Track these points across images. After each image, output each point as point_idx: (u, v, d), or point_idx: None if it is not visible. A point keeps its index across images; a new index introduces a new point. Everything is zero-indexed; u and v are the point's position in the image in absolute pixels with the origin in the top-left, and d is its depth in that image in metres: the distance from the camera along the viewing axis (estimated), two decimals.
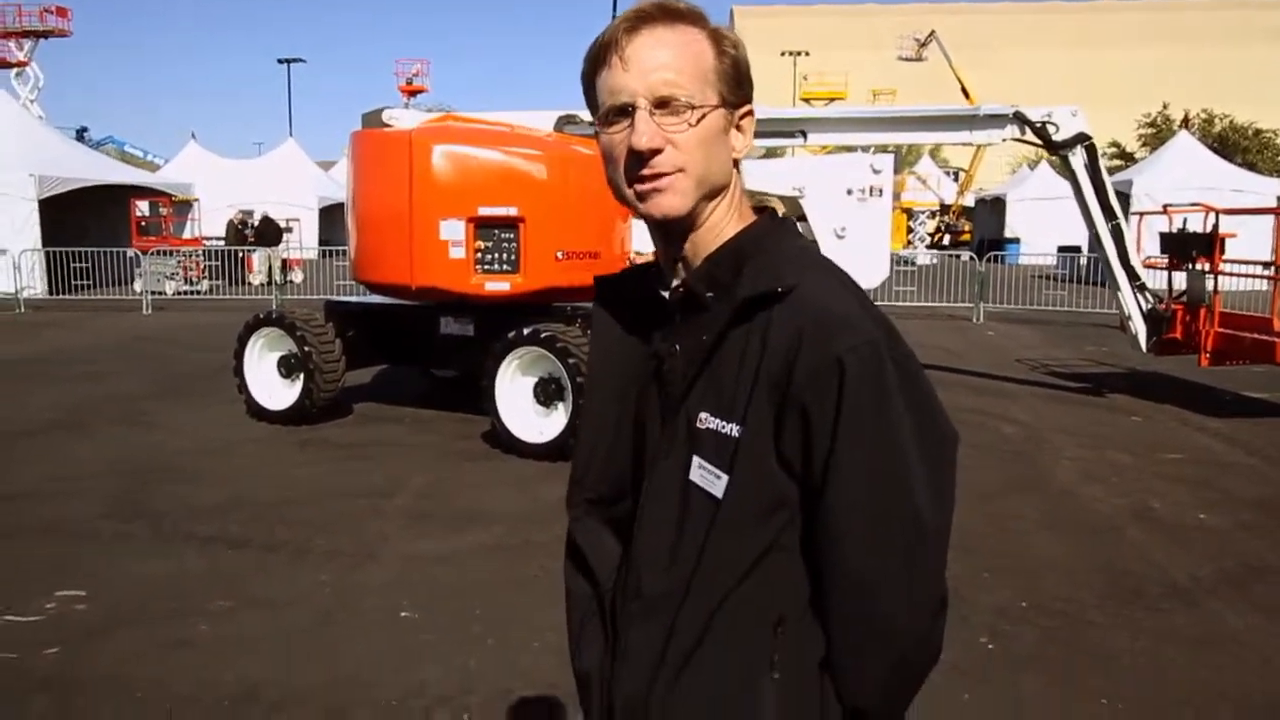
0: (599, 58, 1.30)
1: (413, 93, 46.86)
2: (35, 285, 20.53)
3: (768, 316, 1.23)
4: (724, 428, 1.25)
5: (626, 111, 1.27)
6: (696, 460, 1.27)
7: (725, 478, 1.25)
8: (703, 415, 1.27)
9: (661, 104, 1.25)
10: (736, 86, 1.31)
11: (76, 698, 3.82)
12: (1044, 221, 33.34)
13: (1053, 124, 9.60)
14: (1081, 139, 9.63)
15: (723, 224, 1.34)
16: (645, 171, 1.27)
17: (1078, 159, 9.70)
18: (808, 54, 57.43)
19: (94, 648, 4.26)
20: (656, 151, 1.26)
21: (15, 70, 36.38)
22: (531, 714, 3.77)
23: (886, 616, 1.23)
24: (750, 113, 1.35)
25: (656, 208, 1.29)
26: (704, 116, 1.27)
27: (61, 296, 20.46)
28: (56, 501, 6.43)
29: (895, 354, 1.22)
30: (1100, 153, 10.05)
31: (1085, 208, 9.89)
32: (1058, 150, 9.77)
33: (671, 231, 1.34)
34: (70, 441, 8.20)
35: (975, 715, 3.73)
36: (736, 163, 1.35)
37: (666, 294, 1.38)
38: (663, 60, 1.26)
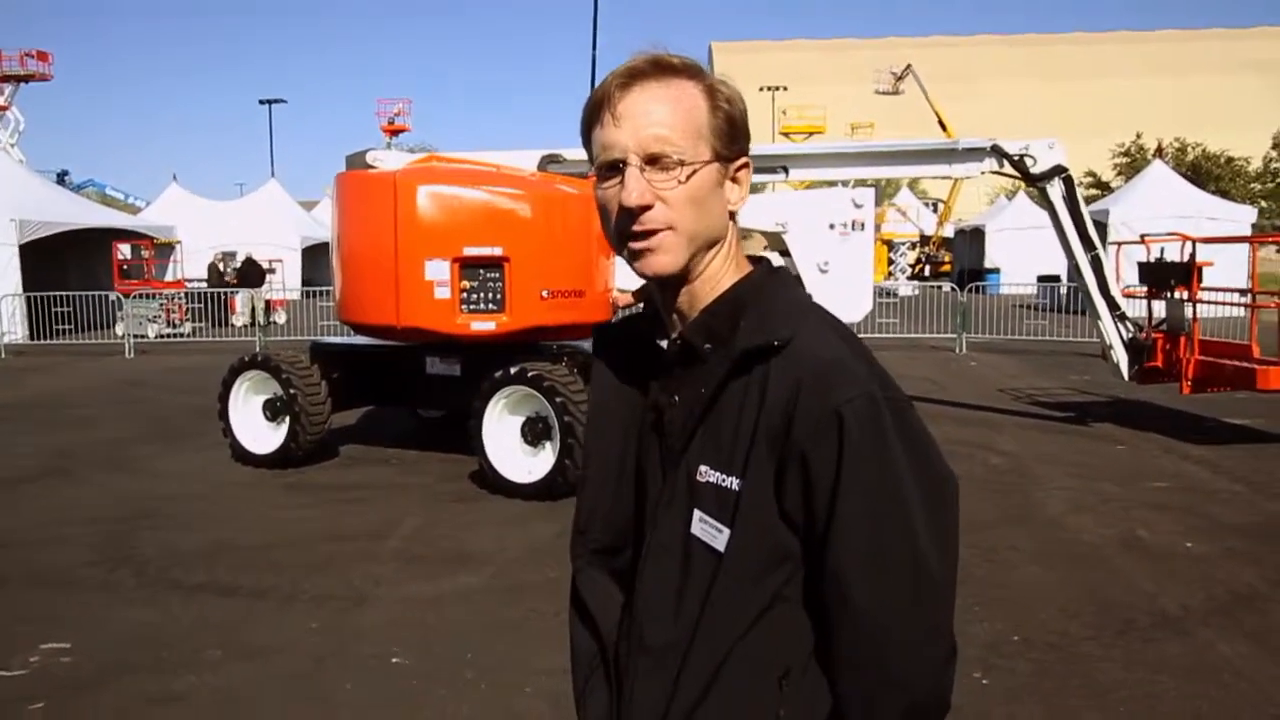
0: (593, 113, 1.30)
1: (395, 132, 47.08)
2: (16, 330, 20.39)
3: (765, 369, 1.24)
4: (724, 481, 1.25)
5: (618, 168, 1.27)
6: (698, 514, 1.28)
7: (727, 531, 1.25)
8: (702, 468, 1.27)
9: (652, 160, 1.26)
10: (730, 141, 1.30)
11: None
12: (1023, 251, 33.62)
13: (1030, 157, 9.73)
14: (1059, 171, 9.76)
15: (719, 275, 1.34)
16: (636, 228, 1.28)
17: (1055, 191, 9.82)
18: (786, 88, 58.02)
19: (81, 703, 4.21)
20: (646, 208, 1.26)
21: None
22: None
23: (895, 667, 1.22)
24: (746, 165, 1.35)
25: (648, 267, 1.30)
26: (695, 172, 1.27)
27: (43, 341, 20.33)
28: (42, 549, 6.37)
29: (891, 402, 1.23)
30: (1077, 183, 10.18)
31: (1064, 239, 10.00)
32: (1036, 182, 9.90)
33: (667, 284, 1.34)
34: (56, 488, 8.13)
35: None
36: (733, 214, 1.36)
37: (664, 344, 1.39)
38: (655, 116, 1.26)
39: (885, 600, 1.21)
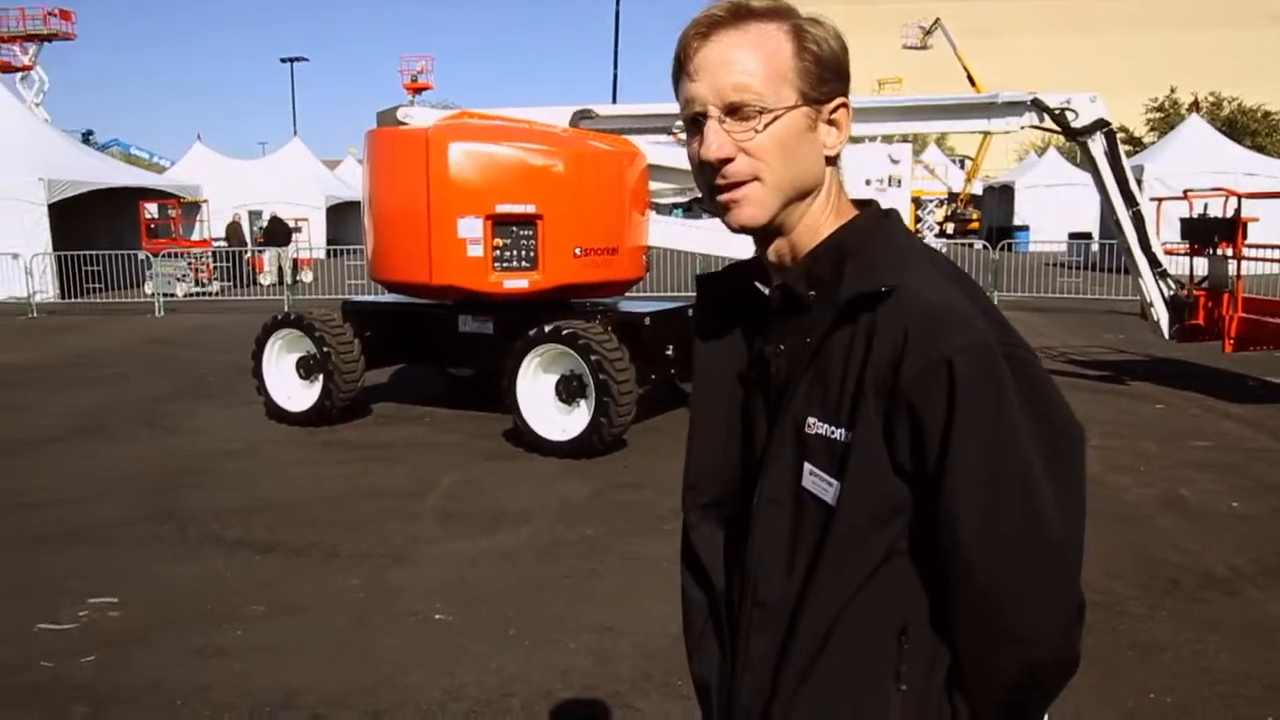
0: (676, 68, 1.27)
1: (418, 90, 46.74)
2: (46, 289, 20.56)
3: (872, 317, 1.19)
4: (833, 433, 1.21)
5: (699, 121, 1.24)
6: (808, 466, 1.24)
7: (836, 484, 1.21)
8: (811, 420, 1.23)
9: (732, 110, 1.21)
10: (820, 82, 1.24)
11: (115, 707, 3.80)
12: (1054, 208, 33.23)
13: (1071, 110, 9.53)
14: (1101, 125, 9.56)
15: (819, 223, 1.29)
16: (719, 182, 1.24)
17: (1097, 145, 9.62)
18: None
19: (129, 656, 4.25)
20: (727, 160, 1.22)
21: (20, 74, 36.39)
22: (573, 716, 3.74)
23: (1013, 625, 1.19)
24: (844, 105, 1.28)
25: (735, 219, 1.26)
26: (776, 119, 1.22)
27: (73, 300, 20.49)
28: (84, 506, 6.43)
29: (1009, 350, 1.17)
30: None
31: (1105, 194, 9.81)
32: (1076, 137, 9.70)
33: (762, 236, 1.31)
34: (94, 446, 8.20)
35: None
36: (834, 158, 1.30)
37: (765, 292, 1.35)
38: (733, 65, 1.21)
39: (1000, 557, 1.16)
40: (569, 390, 7.69)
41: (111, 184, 23.99)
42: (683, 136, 1.41)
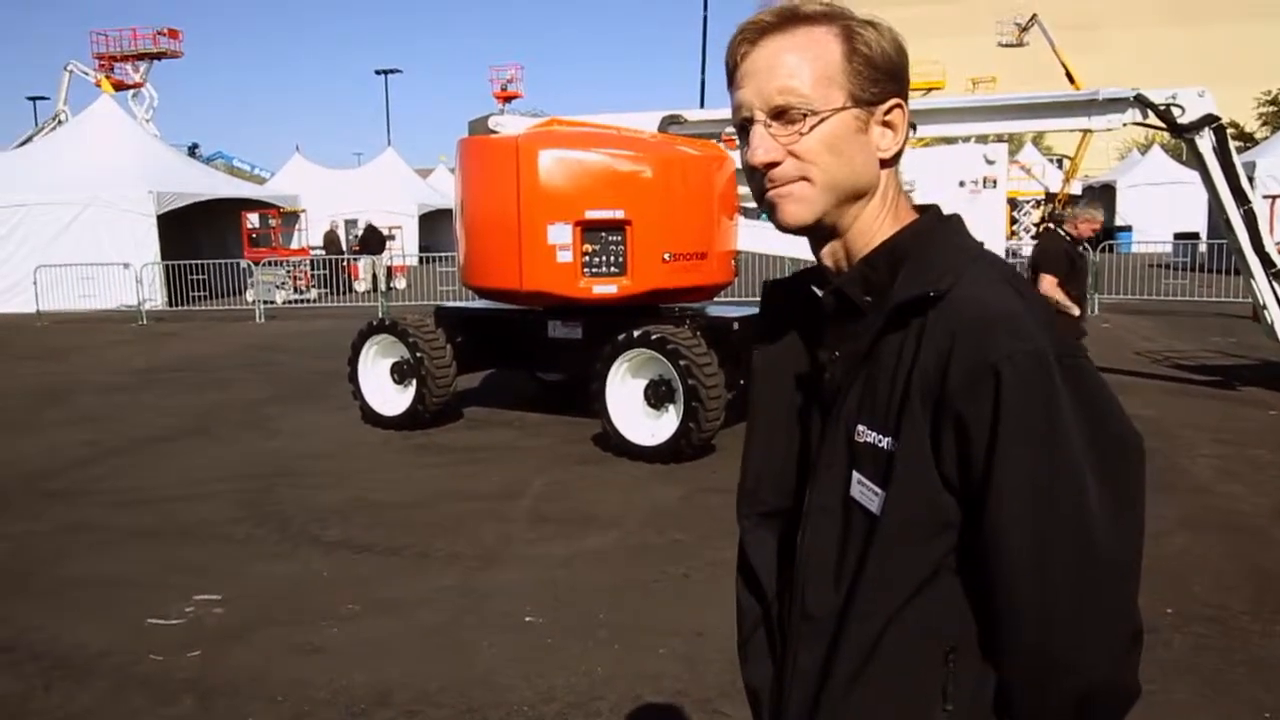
0: (728, 75, 1.27)
1: (507, 98, 47.42)
2: (155, 297, 21.39)
3: (922, 321, 1.16)
4: (879, 441, 1.19)
5: (748, 126, 1.24)
6: (856, 476, 1.22)
7: (881, 494, 1.18)
8: (860, 428, 1.22)
9: (778, 114, 1.21)
10: (871, 83, 1.22)
11: (220, 698, 3.93)
12: (1158, 208, 32.09)
13: (1178, 106, 9.17)
14: (1209, 120, 9.17)
15: (874, 226, 1.27)
16: (768, 185, 1.24)
17: (1205, 142, 9.24)
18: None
19: (232, 651, 4.38)
20: (774, 164, 1.22)
21: (132, 92, 37.96)
22: None
23: (1062, 652, 1.11)
24: (899, 106, 1.25)
25: (780, 218, 1.25)
26: (822, 121, 1.20)
27: (180, 307, 21.30)
28: (191, 505, 6.67)
29: (1064, 357, 1.11)
30: None
31: (1215, 193, 9.42)
32: (1183, 134, 9.33)
33: (815, 237, 1.29)
34: (200, 446, 8.50)
35: None
36: (891, 160, 1.27)
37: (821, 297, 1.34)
38: (777, 70, 1.20)
39: (1048, 577, 1.10)
40: (658, 395, 7.69)
41: (216, 195, 24.86)
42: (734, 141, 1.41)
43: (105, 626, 4.64)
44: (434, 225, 36.19)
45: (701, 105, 25.19)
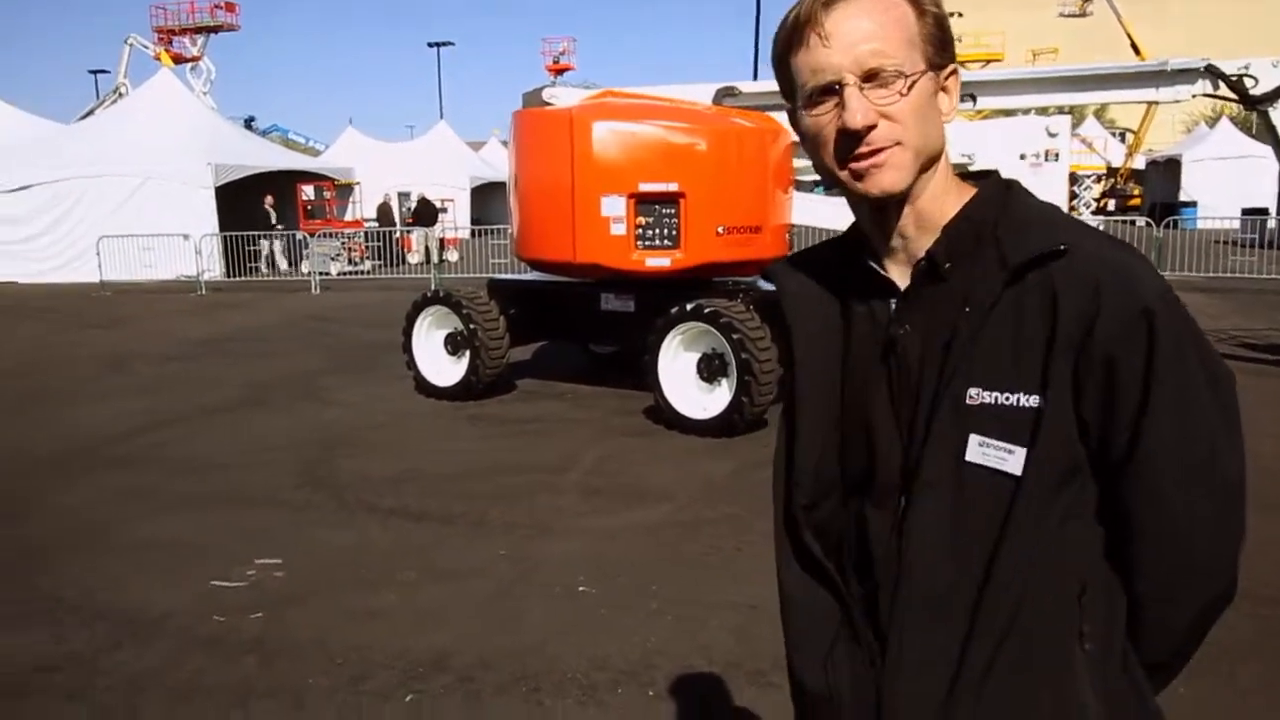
0: (794, 37, 1.23)
1: (560, 71, 47.31)
2: (214, 268, 21.76)
3: (1046, 277, 1.18)
4: (1008, 399, 1.19)
5: (833, 90, 1.20)
6: (976, 439, 1.20)
7: (1021, 451, 1.18)
8: (973, 391, 1.20)
9: (869, 77, 1.19)
10: (941, 47, 1.24)
11: (281, 659, 4.01)
12: (1225, 183, 31.21)
13: (1250, 77, 8.88)
14: None
15: (944, 192, 1.28)
16: (861, 150, 1.21)
17: (1279, 114, 8.95)
18: (960, 15, 55.15)
19: (293, 614, 4.47)
20: (870, 128, 1.19)
21: (190, 65, 38.48)
22: (715, 691, 3.74)
23: (1203, 561, 1.23)
24: (955, 72, 1.28)
25: (875, 185, 1.22)
26: (914, 84, 1.20)
27: (237, 278, 21.65)
28: (251, 472, 6.79)
29: (1180, 302, 1.21)
30: None
31: None
32: (1255, 105, 9.05)
33: (889, 206, 1.26)
34: (259, 416, 8.66)
35: (1193, 710, 3.50)
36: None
37: (881, 270, 1.32)
38: (866, 30, 1.18)
39: (1194, 494, 1.20)
40: (710, 369, 7.67)
41: (272, 168, 25.19)
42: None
43: (170, 588, 4.76)
44: (486, 198, 36.34)
45: (755, 77, 24.92)
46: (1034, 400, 1.18)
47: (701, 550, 5.22)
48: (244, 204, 23.95)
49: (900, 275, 1.30)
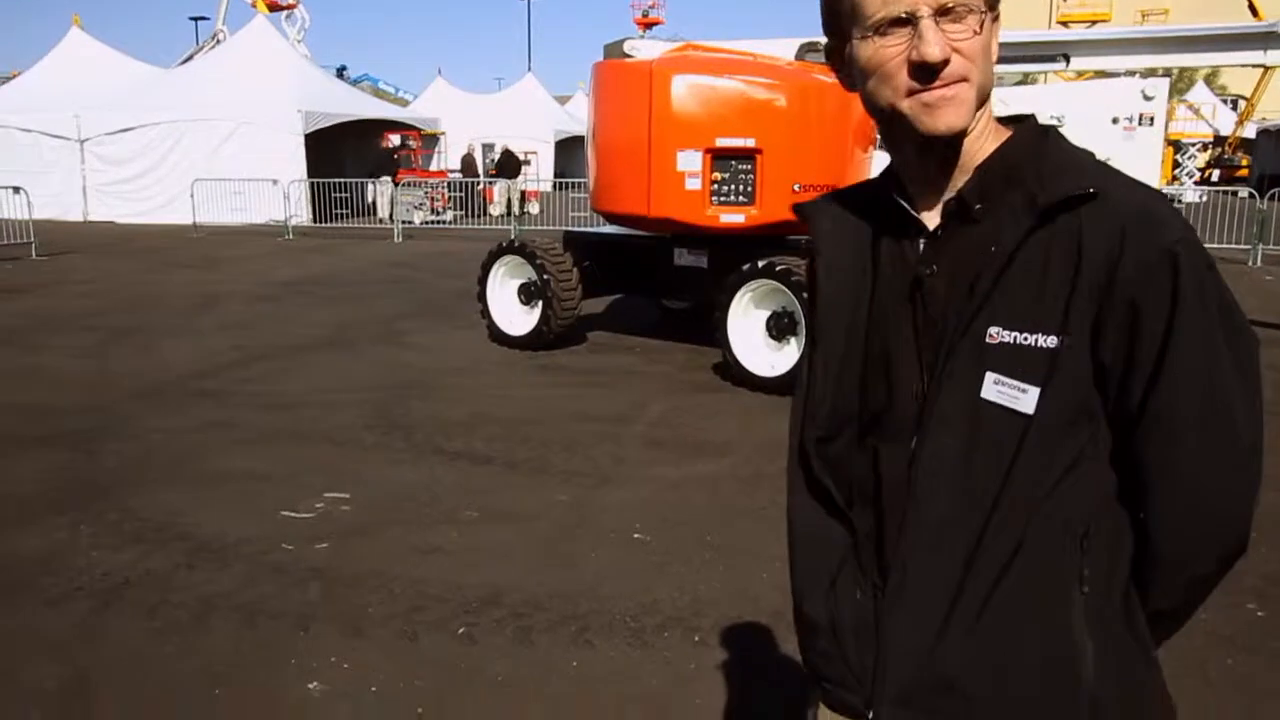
0: None
1: (648, 25, 46.90)
2: (301, 214, 22.28)
3: (1074, 220, 1.18)
4: (1027, 339, 1.19)
5: (904, 21, 1.19)
6: (992, 376, 1.21)
7: (1034, 390, 1.19)
8: (993, 330, 1.21)
9: (943, 11, 1.18)
10: None
11: (343, 587, 4.17)
12: None
13: None
14: None
15: (986, 132, 1.28)
16: (935, 84, 1.20)
17: None
18: None
19: (357, 546, 4.63)
20: (945, 62, 1.19)
21: (285, 13, 39.10)
22: (759, 640, 3.78)
23: (1215, 515, 1.24)
24: (998, 16, 1.27)
25: (942, 121, 1.21)
26: (983, 21, 1.20)
27: (324, 224, 22.13)
28: (327, 410, 7.01)
29: (1203, 250, 1.21)
30: None
31: None
32: None
33: (934, 147, 1.26)
34: (338, 357, 8.91)
35: (1243, 684, 3.43)
36: None
37: (914, 211, 1.31)
38: None
39: (1209, 447, 1.20)
40: (779, 327, 7.65)
41: (361, 116, 25.60)
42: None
43: (243, 516, 4.97)
44: (570, 151, 36.41)
45: None
46: (1051, 341, 1.18)
47: (760, 504, 5.25)
48: (333, 151, 24.42)
49: (931, 217, 1.30)
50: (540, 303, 8.90)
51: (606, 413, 7.08)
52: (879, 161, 8.91)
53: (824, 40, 1.41)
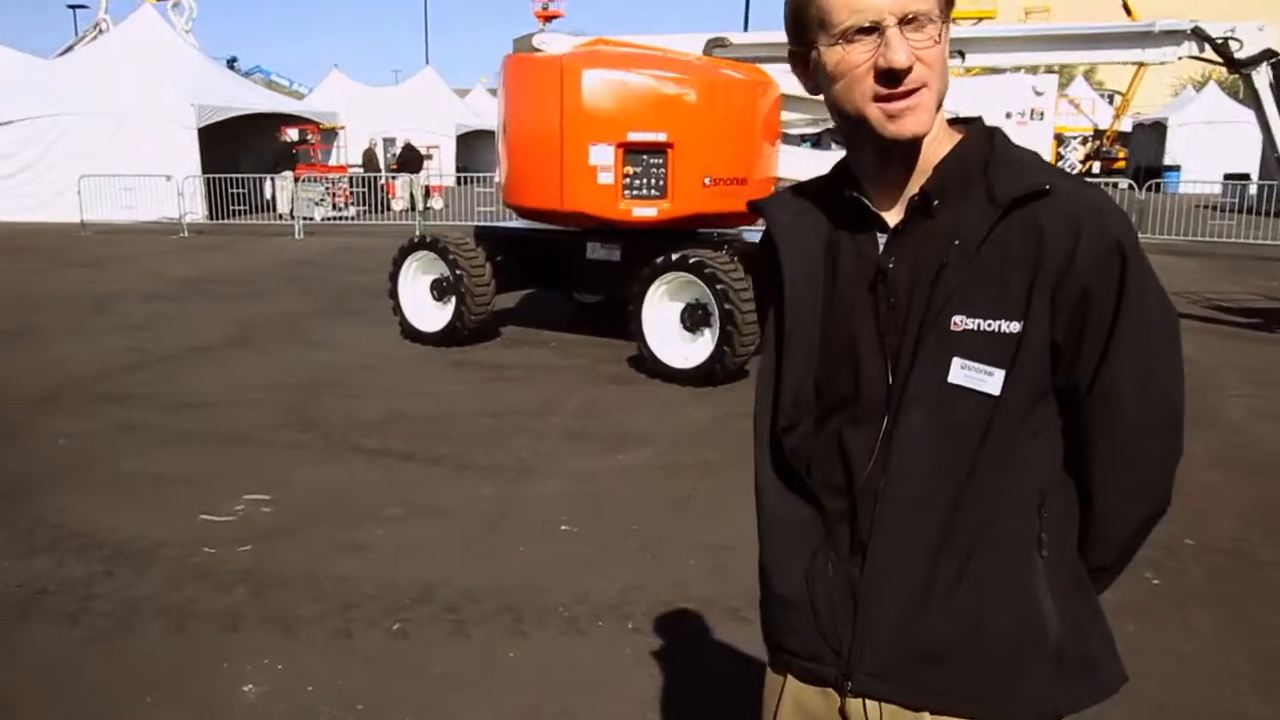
0: None
1: (548, 18, 46.57)
2: (196, 210, 21.57)
3: (1031, 214, 1.29)
4: (990, 325, 1.30)
5: (870, 30, 1.26)
6: (958, 361, 1.31)
7: (1000, 373, 1.30)
8: (958, 318, 1.30)
9: (907, 20, 1.26)
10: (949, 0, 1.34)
11: (271, 588, 4.13)
12: (1209, 147, 31.26)
13: (1235, 40, 8.95)
14: (1268, 56, 8.96)
15: (939, 138, 1.36)
16: (898, 90, 1.27)
17: (1262, 78, 9.04)
18: None
19: (282, 547, 4.58)
20: (908, 70, 1.26)
21: (171, 2, 37.74)
22: (691, 625, 3.88)
23: (1150, 476, 1.38)
24: (950, 23, 1.37)
25: (907, 129, 1.29)
26: (941, 30, 1.29)
27: (220, 221, 21.50)
28: (237, 411, 6.88)
29: (1139, 240, 1.35)
30: None
31: (1268, 131, 9.24)
32: (1240, 69, 9.12)
33: (894, 148, 1.34)
34: (244, 356, 8.72)
35: (1143, 645, 3.67)
36: None
37: (872, 207, 1.39)
38: None
39: (1149, 415, 1.35)
40: (694, 319, 7.77)
41: (256, 109, 24.88)
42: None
43: (161, 520, 4.86)
44: (471, 146, 36.06)
45: (745, 29, 24.70)
46: (1015, 327, 1.29)
47: (682, 493, 5.36)
48: (226, 146, 23.69)
49: (891, 213, 1.38)
50: (453, 298, 8.86)
51: (525, 407, 7.11)
52: (784, 156, 9.12)
53: (730, 36, 1.48)
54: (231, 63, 47.04)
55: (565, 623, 3.87)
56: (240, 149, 25.01)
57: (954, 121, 1.41)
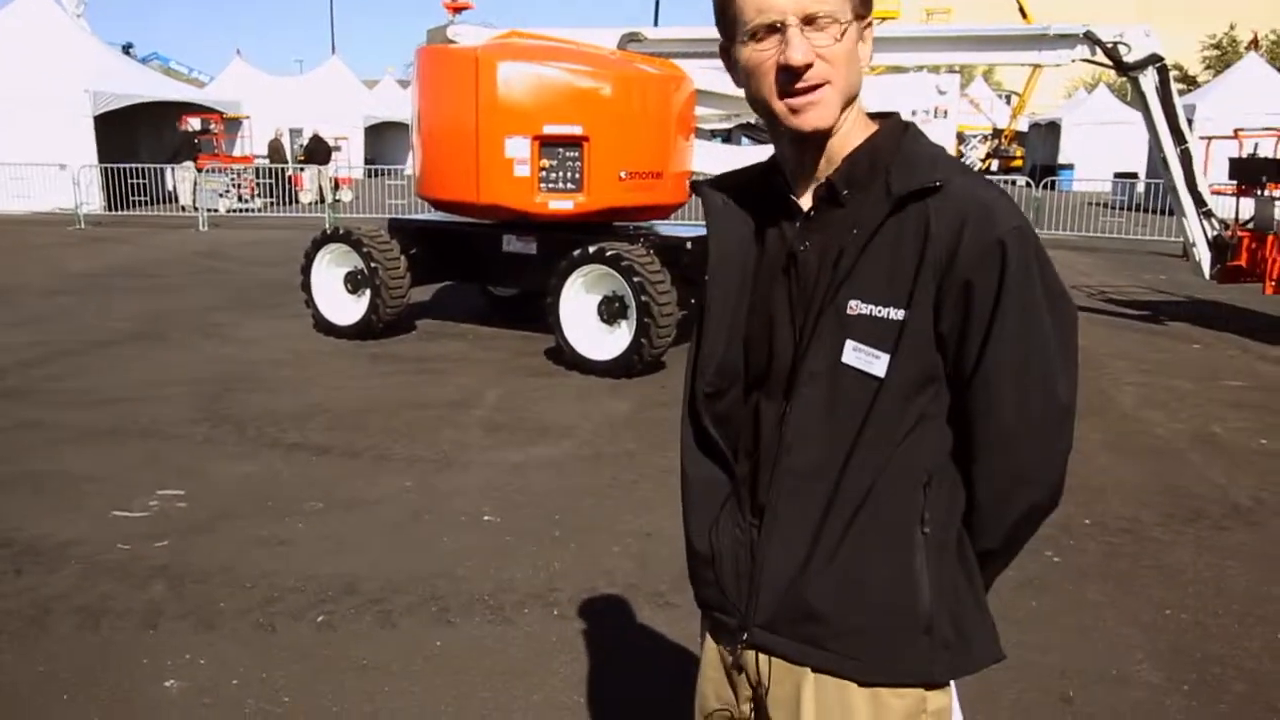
0: None
1: (457, 9, 46.14)
2: (93, 201, 20.82)
3: (922, 209, 1.36)
4: (880, 311, 1.38)
5: (776, 29, 1.35)
6: (851, 344, 1.40)
7: (885, 357, 1.38)
8: (853, 303, 1.39)
9: (809, 20, 1.34)
10: (865, 0, 1.41)
11: (190, 584, 4.08)
12: (1100, 147, 32.49)
13: (1124, 44, 9.38)
14: (1153, 60, 9.41)
15: (852, 130, 1.44)
16: (798, 86, 1.36)
17: (1149, 81, 9.49)
18: None
19: (199, 542, 4.52)
20: (808, 66, 1.35)
21: None
22: (616, 610, 3.96)
23: (1029, 468, 1.42)
24: (871, 24, 1.45)
25: (807, 122, 1.39)
26: (845, 31, 1.36)
27: (119, 212, 20.79)
28: (147, 406, 6.71)
29: (1035, 239, 1.39)
30: None
31: (1154, 131, 9.70)
32: (1128, 71, 9.56)
33: (810, 140, 1.43)
34: (152, 351, 8.50)
35: (1045, 618, 3.88)
36: None
37: (793, 195, 1.49)
38: None
39: (1027, 407, 1.39)
40: (611, 311, 7.84)
41: (156, 98, 24.10)
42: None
43: (71, 518, 4.74)
44: (381, 138, 35.50)
45: (655, 24, 24.84)
46: (899, 314, 1.37)
47: (604, 483, 5.43)
48: (124, 135, 22.90)
49: (806, 200, 1.48)
50: (368, 291, 8.77)
51: (444, 399, 7.10)
52: (699, 150, 9.25)
53: (644, 31, 1.55)
54: (127, 49, 45.39)
55: (491, 611, 3.91)
56: (138, 138, 24.24)
57: (874, 116, 1.50)
